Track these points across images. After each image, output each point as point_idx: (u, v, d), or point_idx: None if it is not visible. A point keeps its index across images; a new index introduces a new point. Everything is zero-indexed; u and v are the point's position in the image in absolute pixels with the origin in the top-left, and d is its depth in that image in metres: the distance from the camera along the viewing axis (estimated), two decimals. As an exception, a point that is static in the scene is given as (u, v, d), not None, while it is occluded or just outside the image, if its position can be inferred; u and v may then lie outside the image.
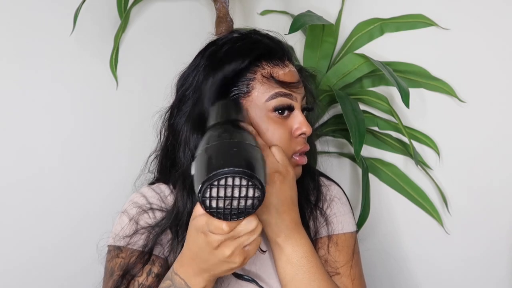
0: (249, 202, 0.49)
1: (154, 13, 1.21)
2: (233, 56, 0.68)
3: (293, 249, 0.64)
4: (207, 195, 0.48)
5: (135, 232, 0.70)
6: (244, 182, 0.47)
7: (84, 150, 1.09)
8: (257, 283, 0.66)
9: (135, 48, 1.17)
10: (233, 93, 0.67)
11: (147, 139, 0.77)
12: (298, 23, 0.93)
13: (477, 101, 0.96)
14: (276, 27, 0.86)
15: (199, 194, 0.48)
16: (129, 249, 0.69)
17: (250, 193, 0.48)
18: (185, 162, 0.69)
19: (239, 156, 0.49)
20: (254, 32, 0.72)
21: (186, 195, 0.67)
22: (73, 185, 1.08)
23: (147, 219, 0.71)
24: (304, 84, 0.72)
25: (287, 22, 1.22)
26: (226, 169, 0.47)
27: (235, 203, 0.49)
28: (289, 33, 0.90)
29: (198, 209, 0.55)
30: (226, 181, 0.47)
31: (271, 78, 0.67)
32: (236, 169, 0.47)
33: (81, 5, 0.99)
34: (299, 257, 0.64)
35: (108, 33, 1.11)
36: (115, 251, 0.70)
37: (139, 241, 0.69)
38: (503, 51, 0.92)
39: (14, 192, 1.00)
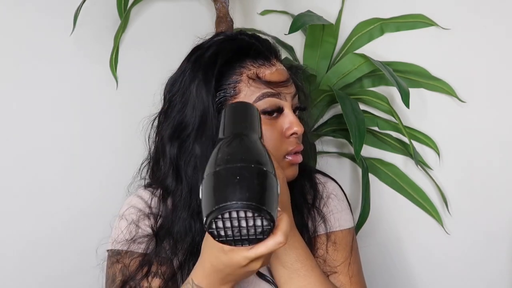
0: (259, 230, 0.46)
1: (154, 13, 1.21)
2: (217, 59, 0.66)
3: (285, 253, 0.62)
4: (214, 226, 0.44)
5: (135, 236, 0.68)
6: (250, 214, 0.43)
7: (83, 150, 1.09)
8: (276, 286, 0.66)
9: (135, 48, 1.17)
10: (219, 97, 0.65)
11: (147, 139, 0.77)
12: (298, 23, 0.93)
13: (477, 101, 0.96)
14: (276, 27, 0.86)
15: (206, 225, 0.44)
16: (130, 252, 0.67)
17: (258, 223, 0.45)
18: (165, 172, 0.67)
19: (247, 186, 0.44)
20: (240, 33, 0.71)
21: (189, 217, 0.65)
22: (72, 185, 1.08)
23: (148, 222, 0.69)
24: (295, 82, 0.70)
25: (287, 22, 1.21)
26: (232, 203, 0.42)
27: (244, 231, 0.45)
28: (289, 33, 0.90)
29: None
30: (230, 215, 0.43)
31: (257, 78, 0.65)
32: (242, 202, 0.42)
33: (81, 5, 0.99)
34: (293, 260, 0.62)
35: (108, 33, 1.11)
36: (115, 256, 0.68)
37: (140, 244, 0.67)
38: (503, 51, 0.92)
39: (12, 192, 1.00)
